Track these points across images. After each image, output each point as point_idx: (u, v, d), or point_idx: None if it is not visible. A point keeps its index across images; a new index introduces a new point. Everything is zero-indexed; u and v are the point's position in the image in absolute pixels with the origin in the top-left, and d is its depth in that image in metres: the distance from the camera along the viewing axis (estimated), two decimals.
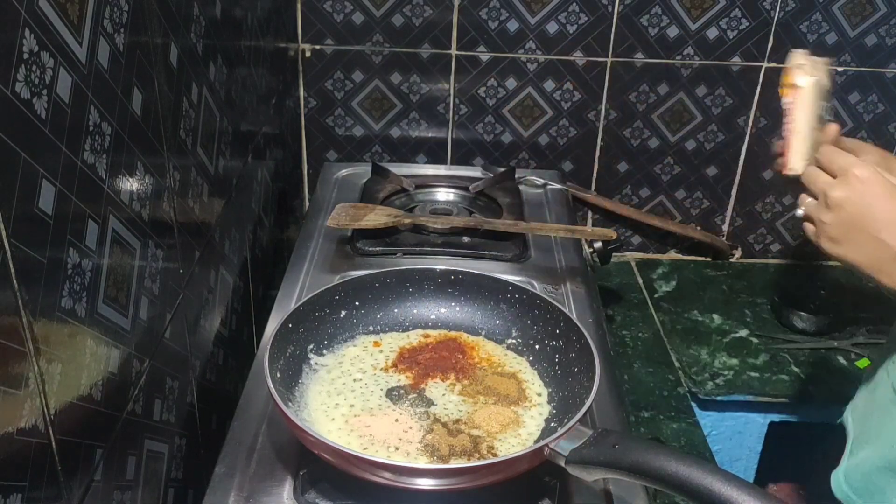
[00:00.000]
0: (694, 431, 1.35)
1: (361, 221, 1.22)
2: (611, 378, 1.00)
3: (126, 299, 0.73)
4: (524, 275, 1.18)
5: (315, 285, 1.09)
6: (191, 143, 0.92)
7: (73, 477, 0.62)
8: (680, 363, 1.47)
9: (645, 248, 1.82)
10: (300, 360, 0.93)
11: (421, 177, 1.48)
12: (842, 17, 1.58)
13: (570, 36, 1.59)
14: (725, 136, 1.70)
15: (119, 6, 0.69)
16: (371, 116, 1.68)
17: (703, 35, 1.60)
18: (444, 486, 0.76)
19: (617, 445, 0.71)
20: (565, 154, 1.72)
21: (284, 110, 1.53)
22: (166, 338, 0.85)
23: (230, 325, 1.14)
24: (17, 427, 0.54)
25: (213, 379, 1.05)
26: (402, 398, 0.90)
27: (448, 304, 1.02)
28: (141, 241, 0.77)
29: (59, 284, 0.59)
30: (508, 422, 0.86)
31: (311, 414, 0.86)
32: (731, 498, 0.64)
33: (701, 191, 1.76)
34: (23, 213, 0.54)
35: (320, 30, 1.59)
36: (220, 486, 0.82)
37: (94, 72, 0.64)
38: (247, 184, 1.22)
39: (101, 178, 0.67)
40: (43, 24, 0.56)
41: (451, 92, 1.65)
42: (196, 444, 0.97)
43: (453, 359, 0.96)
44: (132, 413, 0.75)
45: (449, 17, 1.58)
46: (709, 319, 1.59)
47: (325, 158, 1.71)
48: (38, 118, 0.55)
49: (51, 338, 0.58)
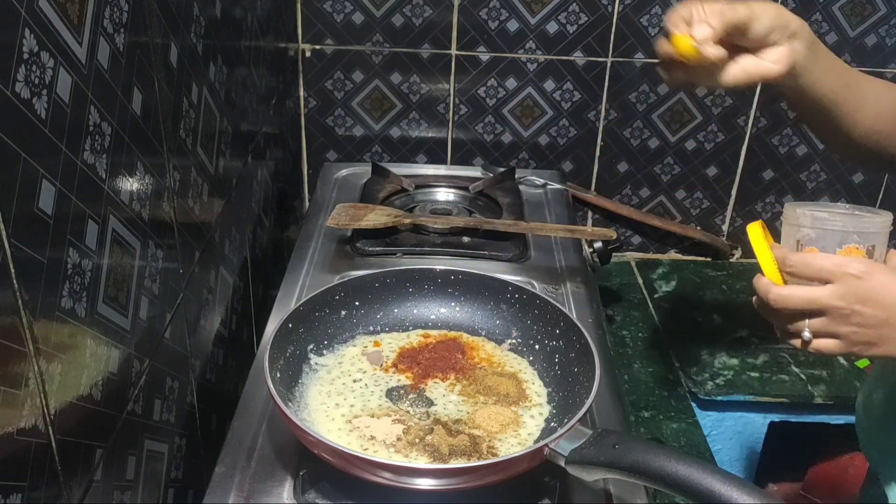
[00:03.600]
0: (694, 431, 1.35)
1: (361, 221, 1.22)
2: (611, 378, 1.00)
3: (126, 299, 0.73)
4: (524, 275, 1.18)
5: (315, 285, 1.09)
6: (191, 143, 0.92)
7: (73, 477, 0.62)
8: (680, 363, 1.47)
9: (645, 248, 1.82)
10: (300, 360, 0.93)
11: (421, 177, 1.48)
12: (842, 17, 1.58)
13: (570, 36, 1.60)
14: (725, 136, 1.70)
15: (119, 6, 0.69)
16: (371, 116, 1.68)
17: None
18: (444, 486, 0.76)
19: (617, 445, 0.71)
20: (565, 154, 1.72)
21: (284, 110, 1.53)
22: (166, 338, 0.85)
23: (230, 325, 1.14)
24: (17, 427, 0.54)
25: (213, 379, 1.05)
26: (402, 398, 0.90)
27: (448, 304, 1.02)
28: (141, 241, 0.77)
29: (59, 284, 0.59)
30: (508, 422, 0.86)
31: (311, 414, 0.86)
32: (731, 498, 0.64)
33: (701, 191, 1.76)
34: (23, 213, 0.54)
35: (320, 30, 1.59)
36: (220, 486, 0.82)
37: (94, 72, 0.64)
38: (247, 184, 1.22)
39: (101, 178, 0.67)
40: (43, 24, 0.56)
41: (451, 92, 1.65)
42: (196, 444, 0.97)
43: (453, 359, 0.96)
44: (132, 413, 0.75)
45: (449, 17, 1.58)
46: (709, 319, 1.59)
47: (325, 158, 1.71)
48: (38, 118, 0.55)
49: (51, 338, 0.58)
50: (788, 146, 1.71)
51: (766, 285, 0.79)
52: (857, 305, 0.74)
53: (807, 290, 0.76)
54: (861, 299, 0.74)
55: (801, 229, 0.81)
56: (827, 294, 0.75)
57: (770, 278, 0.79)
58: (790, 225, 0.82)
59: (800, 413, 1.46)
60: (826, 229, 0.80)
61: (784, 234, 0.83)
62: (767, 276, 0.80)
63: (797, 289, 0.77)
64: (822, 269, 0.75)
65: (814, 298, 0.76)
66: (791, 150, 1.71)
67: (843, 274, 0.74)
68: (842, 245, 0.79)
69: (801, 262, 0.77)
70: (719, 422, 1.48)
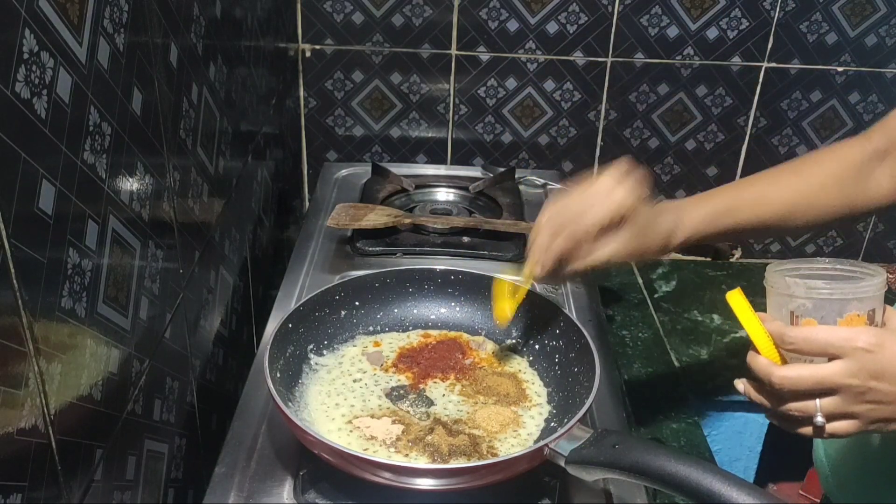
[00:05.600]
0: (694, 431, 1.35)
1: (361, 221, 1.22)
2: (611, 378, 1.00)
3: (126, 299, 0.73)
4: None
5: (315, 285, 1.09)
6: (191, 143, 0.92)
7: (73, 477, 0.62)
8: (680, 363, 1.47)
9: None
10: (300, 360, 0.92)
11: (421, 177, 1.48)
12: (842, 17, 1.58)
13: (570, 36, 1.59)
14: (725, 136, 1.70)
15: (119, 6, 0.69)
16: (371, 116, 1.68)
17: (703, 35, 1.60)
18: (444, 486, 0.76)
19: (617, 445, 0.71)
20: (565, 154, 1.72)
21: (284, 110, 1.53)
22: (166, 338, 0.85)
23: (230, 325, 1.14)
24: (17, 427, 0.54)
25: (213, 379, 1.05)
26: (402, 398, 0.90)
27: (448, 304, 1.02)
28: (141, 241, 0.77)
29: (59, 284, 0.59)
30: (508, 422, 0.86)
31: (311, 414, 0.86)
32: (731, 498, 0.63)
33: (701, 191, 1.75)
34: (23, 213, 0.54)
35: (320, 30, 1.59)
36: (220, 486, 0.82)
37: (94, 72, 0.64)
38: (247, 184, 1.22)
39: (101, 178, 0.67)
40: (43, 24, 0.56)
41: (451, 92, 1.65)
42: (196, 444, 0.97)
43: (453, 359, 0.96)
44: (132, 413, 0.75)
45: (449, 17, 1.58)
46: (709, 319, 1.59)
47: (325, 158, 1.71)
48: (38, 118, 0.55)
49: (51, 338, 0.58)
50: (788, 146, 1.71)
51: (767, 366, 0.71)
52: (871, 382, 0.67)
53: (816, 369, 0.69)
54: (875, 374, 0.67)
55: (794, 300, 0.72)
56: (838, 372, 0.68)
57: (765, 356, 0.72)
58: (780, 295, 0.74)
59: None
60: (823, 299, 0.71)
61: (773, 305, 0.75)
62: (762, 353, 0.72)
63: (804, 368, 0.70)
64: (829, 345, 0.68)
65: (824, 377, 0.68)
66: (791, 149, 1.71)
67: (854, 349, 0.67)
68: (842, 314, 0.71)
69: (803, 338, 0.70)
70: (719, 422, 1.48)
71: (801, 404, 0.70)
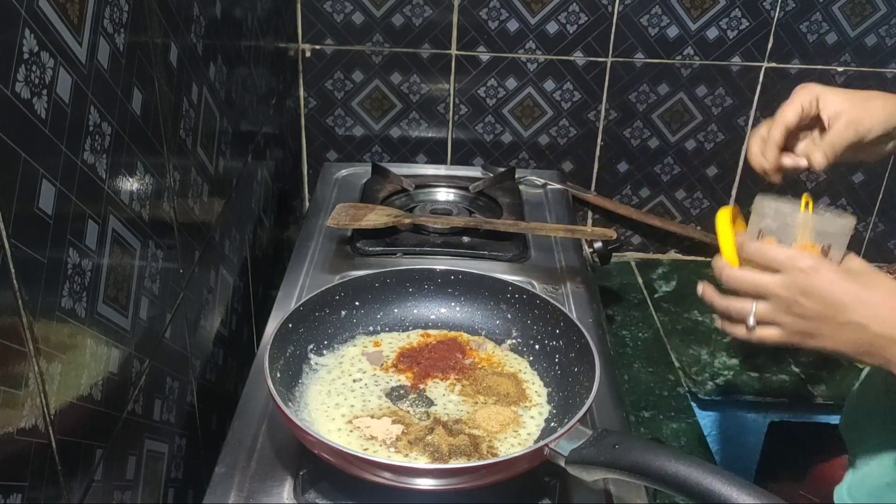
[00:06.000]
0: (694, 431, 1.35)
1: (361, 221, 1.22)
2: (611, 378, 1.00)
3: (126, 299, 0.73)
4: (524, 275, 1.18)
5: (315, 285, 1.09)
6: (191, 143, 0.92)
7: (73, 477, 0.62)
8: (680, 363, 1.47)
9: (645, 248, 1.82)
10: (300, 360, 0.93)
11: (421, 177, 1.48)
12: (842, 17, 1.58)
13: (570, 36, 1.59)
14: (725, 136, 1.70)
15: (119, 6, 0.69)
16: (371, 116, 1.68)
17: (703, 35, 1.60)
18: (444, 486, 0.76)
19: (617, 445, 0.71)
20: (565, 154, 1.72)
21: (284, 110, 1.53)
22: (166, 338, 0.85)
23: (230, 325, 1.14)
24: (17, 427, 0.54)
25: (213, 379, 1.05)
26: (402, 398, 0.90)
27: (448, 304, 1.02)
28: (141, 241, 0.77)
29: (59, 284, 0.59)
30: (508, 422, 0.86)
31: (311, 414, 0.86)
32: (731, 498, 0.64)
33: (701, 191, 1.76)
34: (23, 213, 0.54)
35: (320, 30, 1.59)
36: (220, 486, 0.82)
37: (94, 72, 0.64)
38: (247, 184, 1.22)
39: (101, 178, 0.67)
40: (43, 24, 0.56)
41: (451, 92, 1.65)
42: (196, 444, 0.97)
43: (453, 359, 0.96)
44: (132, 413, 0.75)
45: (449, 17, 1.58)
46: (709, 319, 1.58)
47: (325, 158, 1.71)
48: (38, 118, 0.55)
49: (51, 338, 0.58)
50: None
51: (722, 265, 0.83)
52: (800, 297, 0.77)
53: (757, 275, 0.80)
54: (804, 292, 0.76)
55: (764, 219, 0.84)
56: (774, 282, 0.78)
57: (728, 261, 0.83)
58: (756, 215, 0.85)
59: (800, 413, 1.45)
60: (787, 223, 0.82)
61: (750, 223, 0.86)
62: (725, 258, 0.83)
63: (748, 272, 0.81)
64: (774, 259, 0.78)
65: (761, 283, 0.79)
66: None
67: (792, 267, 0.77)
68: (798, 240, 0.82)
69: (756, 250, 0.81)
70: (719, 422, 1.48)
71: (740, 304, 0.81)
